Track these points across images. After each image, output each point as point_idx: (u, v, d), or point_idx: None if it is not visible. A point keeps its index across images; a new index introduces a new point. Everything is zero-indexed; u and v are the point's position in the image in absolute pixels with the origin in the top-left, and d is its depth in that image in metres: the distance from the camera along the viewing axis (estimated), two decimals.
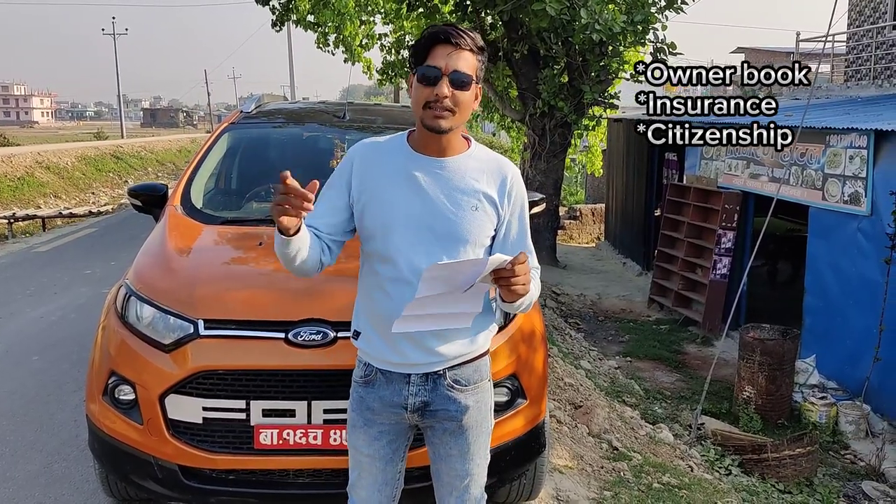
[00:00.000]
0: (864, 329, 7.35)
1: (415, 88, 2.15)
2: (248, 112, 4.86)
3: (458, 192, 2.19)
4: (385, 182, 2.21)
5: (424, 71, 2.11)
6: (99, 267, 9.92)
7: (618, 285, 13.21)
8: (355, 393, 2.35)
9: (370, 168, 2.24)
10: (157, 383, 2.88)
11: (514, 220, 2.31)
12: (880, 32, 13.49)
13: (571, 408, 5.57)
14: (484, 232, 2.23)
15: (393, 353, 2.23)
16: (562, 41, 11.52)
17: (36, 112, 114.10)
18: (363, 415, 2.32)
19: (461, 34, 2.12)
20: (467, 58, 2.12)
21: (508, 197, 2.27)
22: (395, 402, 2.27)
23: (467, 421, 2.31)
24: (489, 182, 2.24)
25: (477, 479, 2.40)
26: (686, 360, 9.27)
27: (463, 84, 2.11)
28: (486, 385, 2.38)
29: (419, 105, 2.13)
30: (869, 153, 7.43)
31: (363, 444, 2.34)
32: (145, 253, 3.54)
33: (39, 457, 4.32)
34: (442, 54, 2.10)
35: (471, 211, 2.19)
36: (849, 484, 6.25)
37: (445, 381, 2.27)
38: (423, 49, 2.13)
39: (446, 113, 2.11)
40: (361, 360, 2.34)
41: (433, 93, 2.09)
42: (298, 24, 16.64)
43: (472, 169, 2.23)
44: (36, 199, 18.69)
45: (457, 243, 2.19)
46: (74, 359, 5.92)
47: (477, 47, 2.15)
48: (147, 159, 31.74)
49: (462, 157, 2.24)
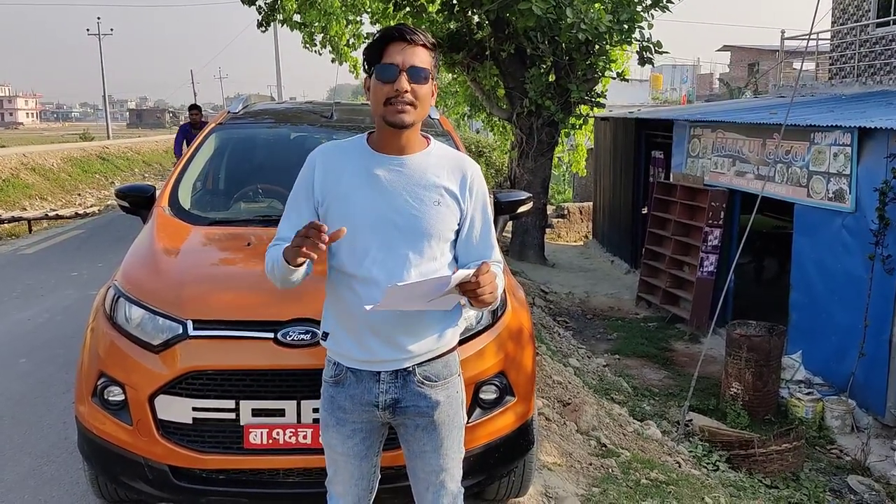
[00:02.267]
0: (850, 325, 7.42)
1: (373, 87, 2.19)
2: (236, 112, 4.87)
3: (420, 187, 2.23)
4: (347, 182, 2.24)
5: (382, 68, 2.16)
6: (86, 269, 9.88)
7: (606, 283, 13.25)
8: (326, 393, 2.38)
9: (332, 170, 2.28)
10: (147, 384, 2.89)
11: (478, 215, 2.34)
12: (864, 30, 13.58)
13: (560, 405, 5.60)
14: (447, 226, 2.27)
15: (361, 350, 2.25)
16: (548, 40, 11.57)
17: (20, 113, 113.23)
18: (335, 414, 2.34)
19: (413, 31, 2.18)
20: (421, 53, 2.17)
21: (470, 191, 2.30)
22: (366, 401, 2.29)
23: (439, 416, 2.33)
24: (450, 178, 2.28)
25: (452, 474, 2.42)
26: (674, 358, 9.32)
27: (420, 78, 2.16)
28: (457, 380, 2.40)
29: (379, 103, 2.17)
30: (853, 150, 7.50)
31: (337, 443, 2.37)
32: (133, 254, 3.54)
33: (28, 459, 4.30)
34: (397, 51, 2.15)
35: (433, 206, 2.23)
36: (835, 478, 6.32)
37: (415, 377, 2.29)
38: (378, 48, 2.18)
39: (408, 107, 2.15)
40: (331, 360, 2.36)
41: (393, 88, 2.13)
42: (284, 23, 16.60)
43: (432, 165, 2.27)
44: (21, 200, 18.56)
45: (421, 238, 2.22)
46: (62, 361, 5.89)
47: (430, 43, 2.20)
48: (133, 160, 31.56)
49: (422, 154, 2.28)
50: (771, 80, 20.41)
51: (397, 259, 2.21)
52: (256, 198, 4.28)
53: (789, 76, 18.08)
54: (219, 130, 4.68)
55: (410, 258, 2.22)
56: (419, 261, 2.23)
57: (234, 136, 4.72)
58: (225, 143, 4.67)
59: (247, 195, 4.32)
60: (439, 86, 21.98)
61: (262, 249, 3.49)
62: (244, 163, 4.65)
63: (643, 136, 13.86)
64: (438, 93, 20.84)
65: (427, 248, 2.24)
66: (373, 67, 2.19)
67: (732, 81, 36.45)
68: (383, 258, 2.20)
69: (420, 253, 2.23)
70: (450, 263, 2.33)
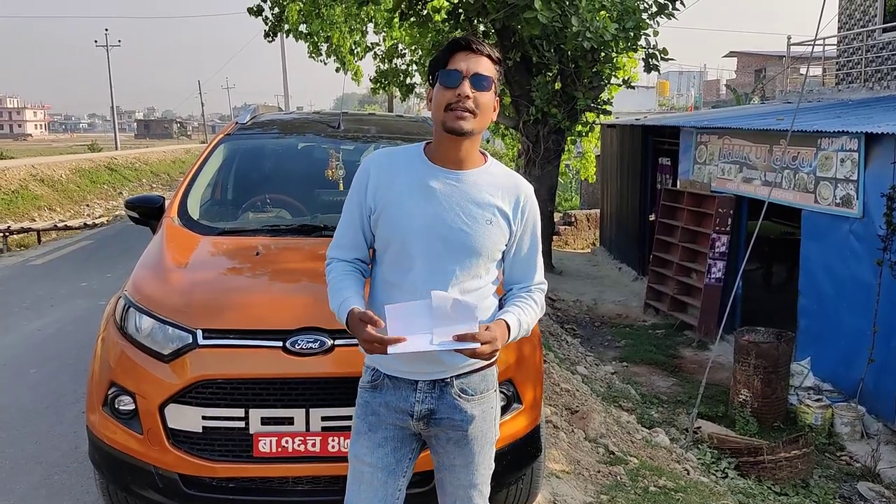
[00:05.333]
0: (858, 331, 7.39)
1: (436, 93, 2.20)
2: (244, 123, 4.90)
3: (474, 204, 2.22)
4: (401, 191, 2.23)
5: (446, 74, 2.17)
6: (95, 279, 9.93)
7: (613, 290, 13.24)
8: (361, 399, 2.35)
9: (386, 177, 2.27)
10: (157, 393, 2.91)
11: (527, 238, 2.34)
12: (870, 35, 13.57)
13: (568, 413, 5.60)
14: (496, 246, 2.26)
15: (401, 360, 2.22)
16: (554, 48, 11.58)
17: (29, 125, 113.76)
18: (367, 420, 2.31)
19: (480, 42, 2.20)
20: (486, 63, 2.18)
21: (522, 213, 2.30)
22: (401, 409, 2.27)
23: (473, 431, 2.31)
24: (504, 198, 2.27)
25: (481, 490, 2.39)
26: (682, 365, 9.30)
27: (483, 86, 2.16)
28: (493, 395, 2.38)
29: (440, 108, 2.17)
30: (860, 156, 7.49)
31: (366, 453, 2.30)
32: (143, 264, 3.57)
33: (39, 469, 4.33)
34: (462, 59, 2.17)
35: (485, 224, 2.22)
36: (844, 485, 6.29)
37: (452, 389, 2.27)
38: (444, 57, 2.20)
39: (467, 115, 2.15)
40: (369, 366, 2.34)
41: (455, 93, 2.14)
42: (290, 34, 16.69)
43: (487, 184, 2.26)
44: (30, 212, 18.67)
45: (469, 255, 2.22)
46: (72, 371, 5.93)
47: (495, 57, 2.22)
48: (141, 171, 31.70)
49: (478, 171, 2.28)
50: (778, 85, 20.40)
51: (443, 273, 2.20)
52: (265, 208, 4.31)
53: (796, 82, 18.07)
54: (227, 141, 4.71)
55: (457, 273, 2.21)
56: (464, 277, 2.22)
57: (242, 146, 4.75)
58: (233, 153, 4.71)
59: (255, 205, 4.35)
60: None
61: (270, 259, 3.55)
62: (252, 173, 4.68)
63: (650, 143, 13.86)
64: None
65: (473, 266, 2.23)
66: (437, 74, 2.20)
67: (739, 87, 36.41)
68: (429, 271, 2.20)
69: (466, 269, 2.22)
70: (493, 282, 2.33)
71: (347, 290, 2.23)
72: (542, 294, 2.39)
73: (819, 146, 8.16)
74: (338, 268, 2.32)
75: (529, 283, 2.38)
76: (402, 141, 4.66)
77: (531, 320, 2.30)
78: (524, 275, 2.37)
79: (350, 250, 2.33)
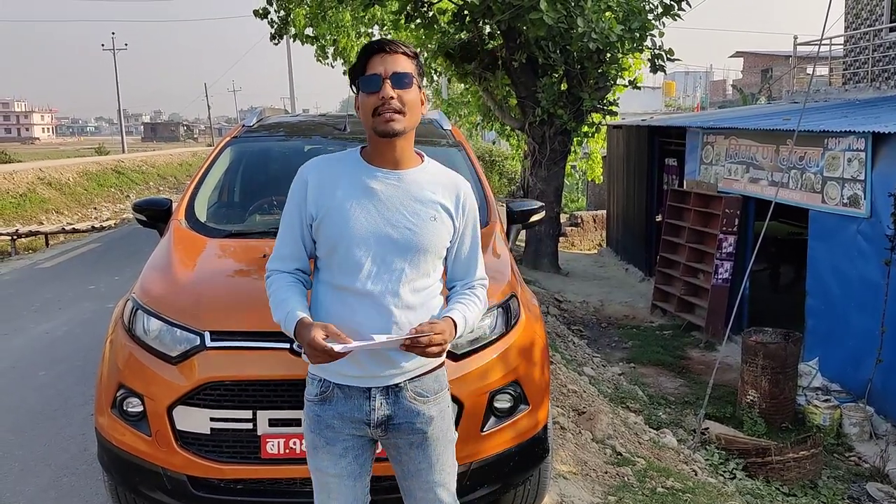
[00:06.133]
0: (866, 331, 7.37)
1: (361, 101, 2.21)
2: (250, 126, 4.91)
3: (417, 202, 2.24)
4: (344, 196, 2.23)
5: (366, 80, 2.18)
6: (103, 282, 9.96)
7: (620, 291, 13.22)
8: (310, 412, 2.31)
9: (325, 184, 2.27)
10: (165, 395, 2.92)
11: (468, 233, 2.36)
12: (877, 35, 13.53)
13: (575, 414, 5.60)
14: (441, 242, 2.28)
15: (353, 365, 2.20)
16: (560, 49, 11.59)
17: (37, 128, 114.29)
18: (323, 434, 2.28)
19: (392, 42, 2.21)
20: (402, 60, 2.20)
21: (463, 210, 2.32)
22: (357, 418, 2.26)
23: (433, 432, 2.30)
24: (445, 195, 2.29)
25: (448, 487, 2.38)
26: (689, 365, 9.29)
27: (404, 83, 2.18)
28: (447, 394, 2.39)
29: (368, 114, 2.19)
30: (867, 155, 7.47)
31: (328, 465, 2.29)
32: (151, 267, 3.58)
33: (49, 471, 4.35)
34: (379, 61, 2.18)
35: (430, 221, 2.24)
36: (853, 486, 6.27)
37: (407, 392, 2.27)
38: (360, 63, 2.21)
39: (396, 115, 2.16)
40: (315, 377, 2.30)
41: (379, 97, 2.15)
42: (296, 38, 16.73)
43: (428, 181, 2.29)
44: (38, 215, 18.74)
45: (416, 253, 2.23)
46: (80, 373, 5.95)
47: (411, 52, 2.23)
48: (148, 173, 31.79)
49: (417, 169, 2.30)
50: (784, 85, 20.36)
51: (392, 273, 2.21)
52: (271, 210, 4.31)
53: (802, 82, 18.02)
54: (234, 144, 4.72)
55: (406, 272, 2.22)
56: (414, 275, 2.24)
57: (248, 149, 4.77)
58: (240, 156, 4.72)
59: (262, 207, 4.36)
60: (451, 95, 21.98)
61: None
62: (259, 175, 4.69)
63: (656, 144, 13.84)
64: (450, 102, 20.87)
65: (422, 263, 2.25)
66: (357, 81, 2.22)
67: (746, 87, 36.35)
68: (378, 272, 2.20)
69: (415, 267, 2.24)
70: (440, 280, 2.35)
71: (291, 300, 2.23)
72: (484, 290, 2.42)
73: (826, 146, 8.14)
74: (279, 279, 2.31)
75: (471, 279, 2.40)
76: None
77: (475, 316, 2.33)
78: (466, 271, 2.39)
79: (291, 261, 2.33)
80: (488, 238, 3.87)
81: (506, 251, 3.82)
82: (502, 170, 24.72)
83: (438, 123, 5.00)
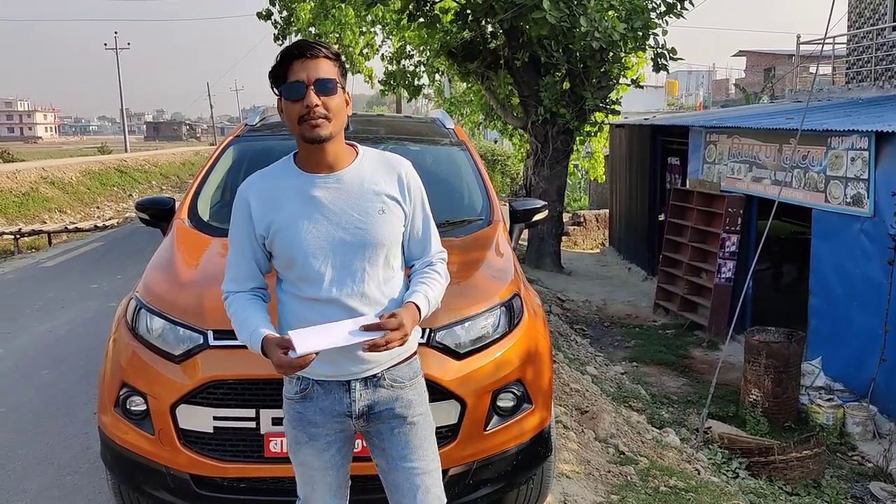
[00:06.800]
0: (869, 330, 7.36)
1: (285, 107, 2.17)
2: (253, 125, 4.91)
3: (362, 199, 2.23)
4: (288, 211, 2.22)
5: (289, 87, 2.14)
6: (105, 281, 9.97)
7: (623, 291, 13.21)
8: (292, 410, 2.32)
9: (268, 200, 2.25)
10: (169, 394, 2.92)
11: (418, 212, 2.35)
12: (880, 34, 13.51)
13: (578, 413, 5.59)
14: (395, 232, 2.27)
15: (327, 365, 2.21)
16: (562, 48, 11.60)
17: (39, 127, 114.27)
18: (306, 430, 2.30)
19: (313, 45, 2.17)
20: (325, 65, 2.16)
21: (408, 190, 2.30)
22: (339, 412, 2.27)
23: (414, 416, 2.31)
24: (387, 182, 2.28)
25: (435, 477, 2.36)
26: (692, 365, 9.28)
27: (329, 89, 2.14)
28: (422, 380, 2.40)
29: (294, 122, 2.16)
30: (870, 155, 7.46)
31: (312, 459, 2.33)
32: (154, 266, 3.58)
33: (52, 469, 4.35)
34: (300, 67, 2.14)
35: (379, 215, 2.23)
36: (856, 485, 6.26)
37: (385, 381, 2.28)
38: (281, 68, 2.17)
39: (322, 121, 2.14)
40: (293, 376, 2.30)
41: (303, 105, 2.12)
42: (300, 32, 16.72)
43: (367, 174, 2.27)
44: (41, 214, 18.79)
45: (374, 249, 2.22)
46: (83, 372, 5.95)
47: (332, 54, 2.19)
48: (151, 173, 31.86)
49: (353, 165, 2.27)
50: (787, 84, 20.34)
51: (353, 274, 2.20)
52: None
53: (805, 81, 18.00)
54: (237, 143, 4.72)
55: (367, 270, 2.22)
56: (375, 271, 2.24)
57: (252, 148, 4.76)
58: (243, 154, 4.71)
59: None
60: (454, 94, 21.97)
61: None
62: None
63: (659, 143, 13.83)
64: (452, 101, 20.89)
65: (381, 257, 2.24)
66: (280, 88, 2.18)
67: (748, 87, 36.30)
68: (340, 277, 2.20)
69: (374, 263, 2.23)
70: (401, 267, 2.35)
71: (253, 318, 2.22)
72: (443, 264, 2.41)
73: (829, 145, 8.12)
74: (238, 299, 2.30)
75: (428, 255, 2.39)
76: (410, 142, 4.67)
77: (438, 293, 2.33)
78: (423, 249, 2.38)
79: (246, 281, 2.31)
80: (491, 237, 3.87)
81: (509, 250, 3.81)
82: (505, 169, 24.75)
83: (441, 122, 4.99)
